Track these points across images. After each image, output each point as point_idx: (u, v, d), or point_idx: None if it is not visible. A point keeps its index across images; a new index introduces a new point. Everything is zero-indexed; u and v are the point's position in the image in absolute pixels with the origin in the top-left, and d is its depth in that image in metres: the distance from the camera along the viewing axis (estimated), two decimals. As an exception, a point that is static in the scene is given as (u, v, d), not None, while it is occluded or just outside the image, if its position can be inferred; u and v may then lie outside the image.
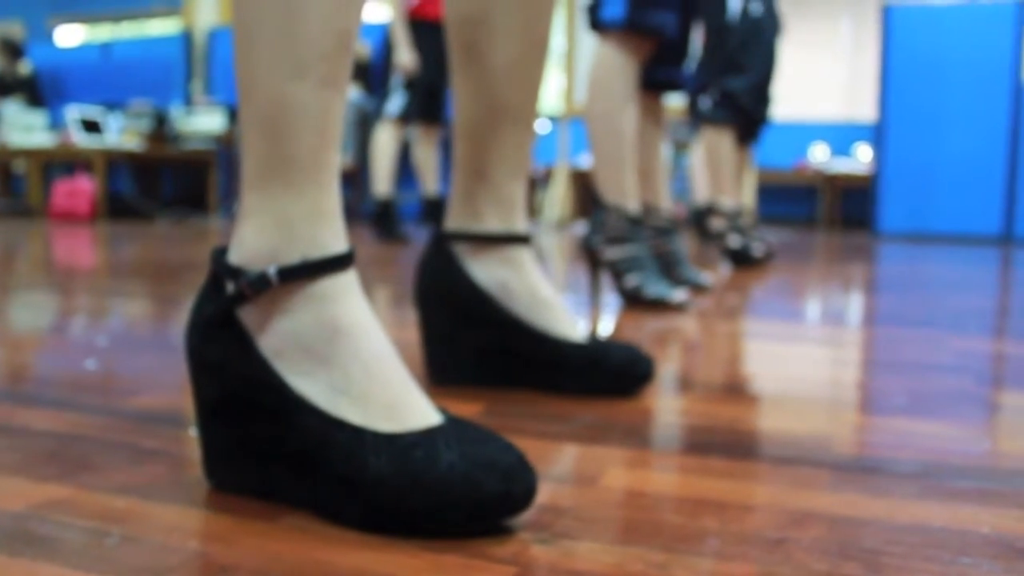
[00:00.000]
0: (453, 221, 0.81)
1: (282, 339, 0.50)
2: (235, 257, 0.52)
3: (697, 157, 3.45)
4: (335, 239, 0.52)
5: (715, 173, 2.46)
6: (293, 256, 0.51)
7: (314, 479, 0.49)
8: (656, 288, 1.42)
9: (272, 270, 0.50)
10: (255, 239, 0.52)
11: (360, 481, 0.47)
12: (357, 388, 0.50)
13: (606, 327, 1.24)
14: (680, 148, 5.31)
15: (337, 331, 0.50)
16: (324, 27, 0.50)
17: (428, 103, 3.41)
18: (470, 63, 0.78)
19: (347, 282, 0.52)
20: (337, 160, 0.53)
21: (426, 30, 3.34)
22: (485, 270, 0.79)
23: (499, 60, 0.77)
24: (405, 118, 3.35)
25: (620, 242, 1.45)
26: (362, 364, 0.50)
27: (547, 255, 2.71)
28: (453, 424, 0.50)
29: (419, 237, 3.68)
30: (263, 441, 0.51)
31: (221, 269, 0.52)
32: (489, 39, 0.77)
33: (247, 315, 0.51)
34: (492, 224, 0.79)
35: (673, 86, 1.78)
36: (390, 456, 0.47)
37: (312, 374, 0.50)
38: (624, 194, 1.46)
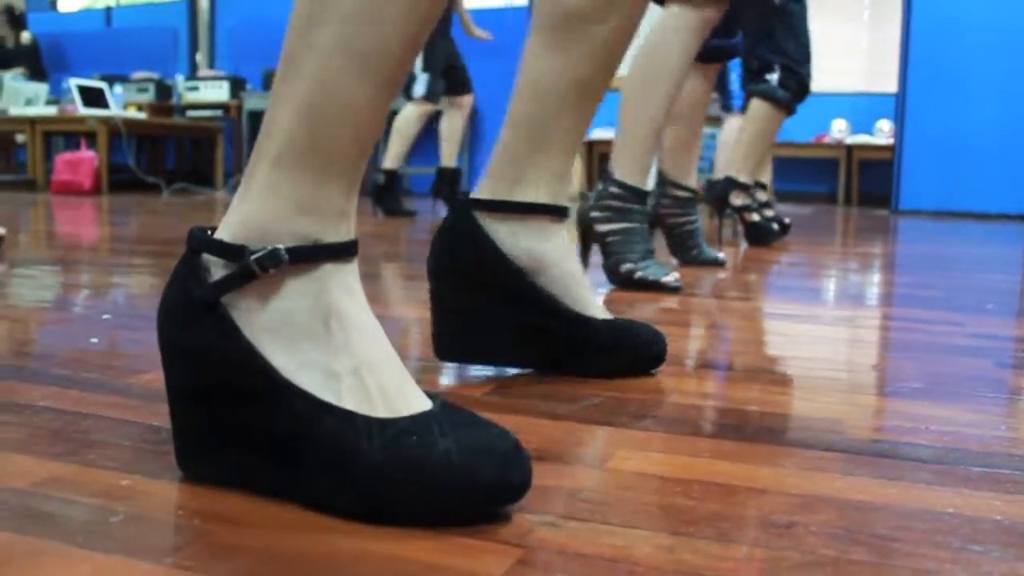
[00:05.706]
0: (488, 189, 0.77)
1: (272, 321, 0.49)
2: (230, 234, 0.50)
3: (727, 133, 3.37)
4: (347, 234, 0.51)
5: (755, 149, 2.37)
6: (304, 241, 0.49)
7: (300, 466, 0.47)
8: (648, 269, 1.39)
9: (283, 247, 0.49)
10: (267, 217, 0.49)
11: (352, 467, 0.46)
12: (348, 372, 0.48)
13: (610, 304, 1.23)
14: (708, 123, 5.24)
15: (331, 315, 0.49)
16: (398, 29, 0.48)
17: (453, 77, 3.45)
18: (567, 34, 0.76)
19: (348, 269, 0.51)
20: (366, 164, 0.52)
21: None
22: (515, 242, 0.76)
23: (606, 33, 0.76)
24: (432, 98, 3.36)
25: (615, 216, 1.42)
26: (353, 348, 0.49)
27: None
28: (445, 409, 0.49)
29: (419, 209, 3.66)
30: (245, 427, 0.49)
31: (212, 247, 0.50)
32: (603, 12, 0.75)
33: (231, 297, 0.49)
34: (540, 195, 0.77)
35: (731, 54, 1.75)
36: (383, 442, 0.46)
37: (301, 357, 0.48)
38: (634, 167, 1.42)
